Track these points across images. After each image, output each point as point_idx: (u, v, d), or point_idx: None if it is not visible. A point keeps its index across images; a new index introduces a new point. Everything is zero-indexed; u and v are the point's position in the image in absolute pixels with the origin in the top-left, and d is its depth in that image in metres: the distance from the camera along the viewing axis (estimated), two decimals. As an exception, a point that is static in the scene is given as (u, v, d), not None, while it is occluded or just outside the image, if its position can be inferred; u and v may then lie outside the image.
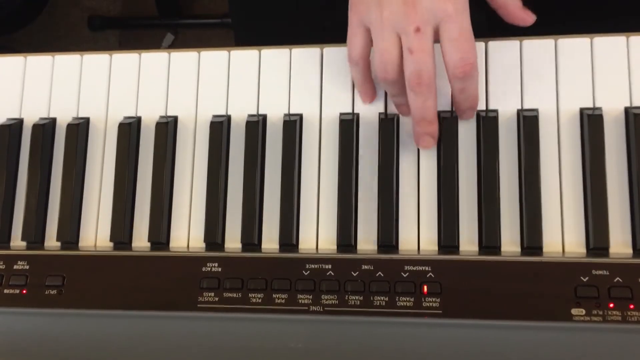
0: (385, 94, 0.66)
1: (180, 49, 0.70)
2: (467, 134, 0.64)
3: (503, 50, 0.65)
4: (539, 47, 0.64)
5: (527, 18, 0.62)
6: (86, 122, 0.69)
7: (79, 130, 0.68)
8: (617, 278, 0.57)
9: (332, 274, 0.59)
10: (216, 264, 0.61)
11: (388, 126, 0.64)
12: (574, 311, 0.56)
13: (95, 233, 0.67)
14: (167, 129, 0.67)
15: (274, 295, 0.59)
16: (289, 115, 0.67)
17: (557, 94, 0.64)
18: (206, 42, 1.68)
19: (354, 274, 0.59)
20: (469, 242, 0.62)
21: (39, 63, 0.72)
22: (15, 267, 0.63)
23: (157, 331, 0.61)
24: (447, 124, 0.63)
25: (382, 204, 0.62)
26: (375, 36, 0.60)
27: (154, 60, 0.70)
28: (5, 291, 0.62)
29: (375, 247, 0.62)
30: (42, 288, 0.62)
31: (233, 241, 0.64)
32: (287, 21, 0.87)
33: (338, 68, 0.67)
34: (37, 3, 1.57)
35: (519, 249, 0.61)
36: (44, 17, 1.65)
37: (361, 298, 0.58)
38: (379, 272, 0.59)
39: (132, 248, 0.66)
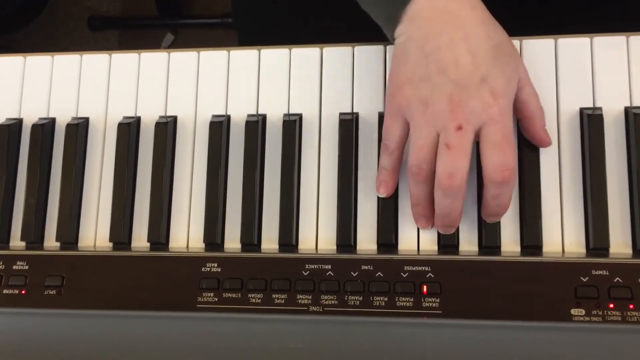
0: (384, 91, 0.65)
1: (180, 49, 0.70)
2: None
3: (503, 50, 0.64)
4: (539, 47, 0.64)
5: (547, 140, 0.61)
6: (85, 122, 0.69)
7: (79, 130, 0.68)
8: (617, 278, 0.57)
9: (332, 274, 0.59)
10: (216, 264, 0.61)
11: (388, 126, 0.64)
12: (574, 311, 0.56)
13: (95, 233, 0.67)
14: (167, 128, 0.67)
15: (274, 296, 0.59)
16: (289, 115, 0.67)
17: (557, 94, 0.64)
18: (206, 42, 1.67)
19: (354, 274, 0.59)
20: (468, 242, 0.62)
21: (38, 63, 0.71)
22: (14, 267, 0.63)
23: (157, 331, 0.61)
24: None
25: (382, 204, 0.62)
26: (414, 131, 0.57)
27: (153, 60, 0.70)
28: (5, 291, 0.62)
29: (375, 247, 0.62)
30: (41, 288, 0.62)
31: (232, 241, 0.64)
32: (289, 22, 0.87)
33: (338, 68, 0.67)
34: (37, 3, 1.57)
35: (518, 249, 0.61)
36: (44, 17, 1.65)
37: (361, 298, 0.58)
38: (379, 272, 0.59)
39: (131, 248, 0.66)
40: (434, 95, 0.55)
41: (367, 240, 0.63)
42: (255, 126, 0.66)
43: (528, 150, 0.61)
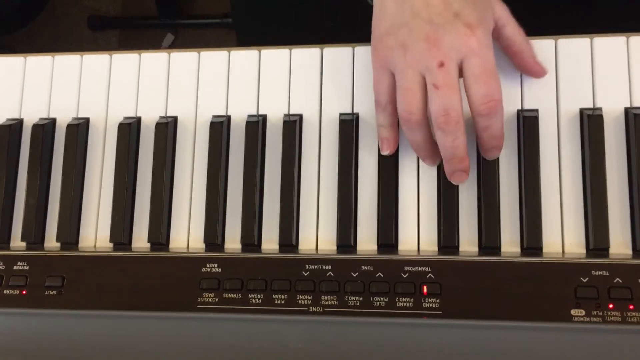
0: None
1: (180, 49, 0.70)
2: (467, 134, 0.63)
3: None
4: (539, 47, 0.64)
5: (541, 70, 0.62)
6: (86, 122, 0.69)
7: (79, 130, 0.68)
8: (617, 279, 0.57)
9: (332, 274, 0.59)
10: (216, 265, 0.61)
11: (388, 126, 0.64)
12: (574, 312, 0.56)
13: (95, 233, 0.67)
14: (167, 129, 0.67)
15: (274, 296, 0.59)
16: (289, 115, 0.67)
17: (557, 94, 0.64)
18: (206, 42, 1.68)
19: (354, 275, 0.59)
20: (468, 242, 0.62)
21: (38, 63, 0.72)
22: (15, 267, 0.63)
23: (157, 332, 0.61)
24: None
25: (382, 204, 0.62)
26: (398, 77, 0.58)
27: (153, 61, 0.70)
28: (5, 292, 0.62)
29: (375, 248, 0.62)
30: (41, 289, 0.62)
31: (233, 242, 0.64)
32: (289, 22, 0.87)
33: (338, 68, 0.67)
34: (37, 3, 1.57)
35: (518, 250, 0.61)
36: (44, 17, 1.65)
37: (361, 299, 0.58)
38: (379, 273, 0.59)
39: (131, 249, 0.66)
40: (411, 37, 0.57)
41: (367, 241, 0.63)
42: (256, 126, 0.66)
43: (528, 151, 0.61)
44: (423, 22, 0.57)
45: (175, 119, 0.68)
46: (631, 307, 0.56)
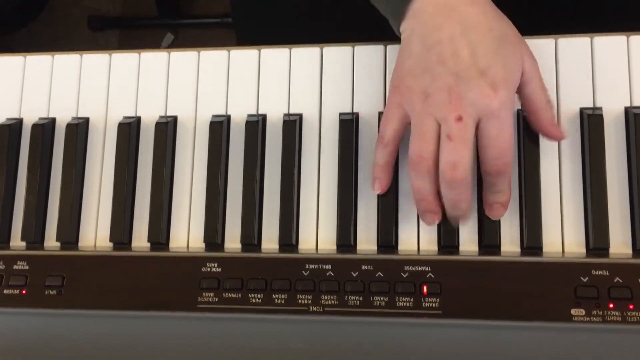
0: (385, 92, 0.66)
1: (180, 48, 0.70)
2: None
3: (503, 50, 0.64)
4: (539, 47, 0.64)
5: (558, 134, 0.60)
6: (86, 121, 0.69)
7: (79, 130, 0.68)
8: (617, 278, 0.57)
9: (332, 274, 0.59)
10: (216, 264, 0.61)
11: (388, 126, 0.64)
12: (574, 311, 0.56)
13: (95, 233, 0.67)
14: (167, 128, 0.67)
15: (274, 296, 0.59)
16: (289, 115, 0.67)
17: (557, 94, 0.64)
18: (206, 42, 1.68)
19: (354, 274, 0.59)
20: (468, 242, 0.62)
21: (38, 63, 0.71)
22: (15, 267, 0.63)
23: (157, 331, 0.61)
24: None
25: (382, 204, 0.62)
26: (415, 121, 0.57)
27: (153, 60, 0.70)
28: (5, 291, 0.62)
29: (375, 248, 0.62)
30: (41, 288, 0.62)
31: (233, 241, 0.64)
32: (289, 22, 0.87)
33: (338, 68, 0.67)
34: (37, 3, 1.57)
35: (518, 249, 0.61)
36: (44, 17, 1.65)
37: (361, 298, 0.58)
38: (379, 273, 0.59)
39: (131, 248, 0.65)
40: (434, 85, 0.56)
41: (367, 241, 0.63)
42: (256, 126, 0.66)
43: (528, 151, 0.61)
44: (448, 73, 0.55)
45: (175, 118, 0.68)
46: (631, 306, 0.56)
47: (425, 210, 0.59)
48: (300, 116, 0.66)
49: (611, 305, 0.56)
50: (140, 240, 0.66)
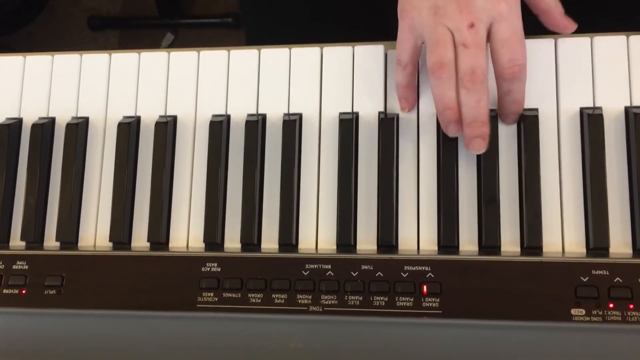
0: (385, 92, 0.65)
1: (180, 48, 0.70)
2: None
3: (503, 49, 0.64)
4: (539, 47, 0.64)
5: (569, 25, 0.62)
6: (85, 121, 0.69)
7: (78, 129, 0.68)
8: (617, 278, 0.56)
9: (332, 274, 0.59)
10: (215, 264, 0.61)
11: (388, 126, 0.64)
12: (574, 311, 0.56)
13: (95, 233, 0.67)
14: (167, 128, 0.67)
15: (274, 296, 0.59)
16: (289, 114, 0.67)
17: (557, 94, 0.64)
18: (206, 42, 1.68)
19: (354, 274, 0.59)
20: (468, 242, 0.62)
21: (38, 62, 0.71)
22: (14, 267, 0.63)
23: (157, 331, 0.61)
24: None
25: (382, 204, 0.62)
26: (429, 33, 0.59)
27: (153, 60, 0.70)
28: (5, 291, 0.62)
29: (375, 247, 0.62)
30: (41, 288, 0.62)
31: (232, 241, 0.64)
32: (299, 21, 0.87)
33: (338, 68, 0.67)
34: (37, 3, 1.57)
35: (518, 249, 0.61)
36: (44, 17, 1.65)
37: (361, 298, 0.58)
38: (379, 272, 0.59)
39: (131, 248, 0.66)
40: None
41: (367, 240, 0.63)
42: (255, 126, 0.66)
43: (528, 151, 0.61)
44: None
45: (174, 118, 0.68)
46: (631, 306, 0.56)
47: (450, 120, 0.60)
48: (300, 116, 0.66)
49: (611, 305, 0.56)
50: (140, 240, 0.66)
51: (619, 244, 0.60)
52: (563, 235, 0.61)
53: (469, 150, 0.60)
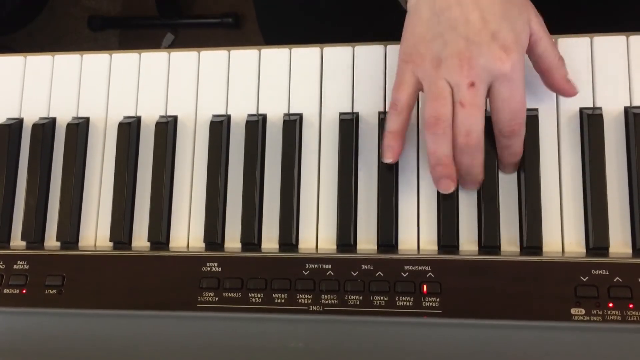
0: (385, 92, 0.66)
1: (180, 48, 0.70)
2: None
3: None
4: (539, 47, 0.64)
5: (571, 90, 0.61)
6: (86, 121, 0.69)
7: (79, 130, 0.68)
8: (617, 278, 0.57)
9: (332, 273, 0.59)
10: (216, 264, 0.61)
11: (388, 126, 0.64)
12: (574, 311, 0.56)
13: (95, 233, 0.67)
14: (167, 128, 0.67)
15: (274, 295, 0.59)
16: (289, 115, 0.67)
17: (557, 94, 0.64)
18: (206, 42, 1.68)
19: (354, 274, 0.59)
20: (468, 241, 0.62)
21: (38, 63, 0.72)
22: (15, 267, 0.63)
23: (157, 331, 0.61)
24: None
25: (382, 204, 0.62)
26: (428, 84, 0.58)
27: (153, 60, 0.70)
28: (5, 291, 0.62)
29: (375, 247, 0.62)
30: (41, 288, 0.62)
31: (233, 241, 0.64)
32: (310, 22, 0.87)
33: (338, 68, 0.67)
34: (37, 3, 1.57)
35: (518, 249, 0.61)
36: (44, 17, 1.65)
37: (361, 298, 0.58)
38: (379, 272, 0.59)
39: (131, 248, 0.66)
40: (446, 51, 0.56)
41: (367, 240, 0.63)
42: (256, 126, 0.66)
43: (528, 150, 0.61)
44: (459, 37, 0.56)
45: (175, 118, 0.68)
46: (631, 306, 0.56)
47: (442, 176, 0.59)
48: (301, 116, 0.66)
49: (611, 305, 0.56)
50: (140, 239, 0.66)
51: (619, 243, 0.60)
52: (563, 235, 0.61)
53: (463, 188, 0.61)
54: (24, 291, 0.62)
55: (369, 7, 0.85)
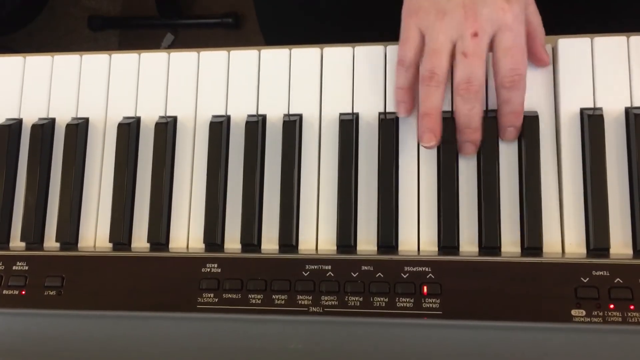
0: (385, 92, 0.65)
1: (180, 48, 0.70)
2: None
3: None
4: (539, 47, 0.64)
5: (546, 59, 0.63)
6: (85, 122, 0.69)
7: (78, 130, 0.68)
8: (618, 279, 0.56)
9: (332, 274, 0.59)
10: (216, 265, 0.61)
11: (388, 126, 0.64)
12: (574, 312, 0.56)
13: (95, 234, 0.67)
14: (167, 129, 0.67)
15: (274, 296, 0.59)
16: (289, 115, 0.67)
17: (557, 94, 0.64)
18: (206, 42, 1.68)
19: (354, 275, 0.59)
20: (469, 242, 0.62)
21: (38, 63, 0.71)
22: (14, 267, 0.63)
23: (157, 332, 0.61)
24: (447, 124, 0.63)
25: (382, 205, 0.62)
26: (429, 39, 0.60)
27: (153, 60, 0.70)
28: (5, 292, 0.62)
29: (375, 248, 0.62)
30: (41, 289, 0.62)
31: (233, 242, 0.64)
32: (310, 22, 0.87)
33: (338, 68, 0.67)
34: (37, 3, 1.57)
35: (519, 250, 0.61)
36: (44, 17, 1.65)
37: (361, 299, 0.58)
38: (379, 273, 0.59)
39: (131, 249, 0.65)
40: (450, 3, 0.59)
41: (367, 241, 0.63)
42: (255, 126, 0.66)
43: (528, 151, 0.61)
44: None
45: (174, 118, 0.68)
46: (632, 307, 0.56)
47: (427, 129, 0.60)
48: (300, 116, 0.66)
49: (612, 306, 0.56)
50: (140, 240, 0.66)
51: (620, 244, 0.60)
52: (563, 235, 0.61)
53: (461, 154, 0.62)
54: (23, 292, 0.62)
55: (369, 7, 0.85)
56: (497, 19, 0.58)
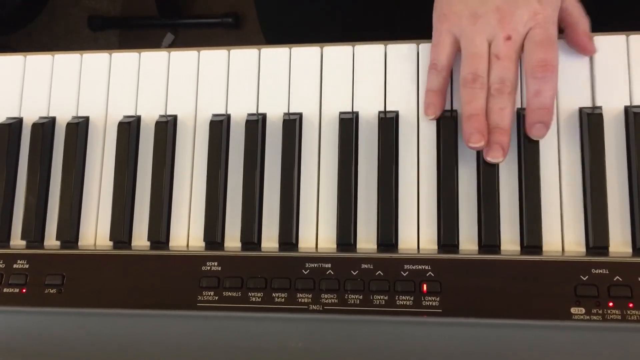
0: (385, 92, 0.66)
1: (180, 48, 0.70)
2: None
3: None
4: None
5: (591, 47, 0.63)
6: (86, 121, 0.69)
7: (79, 129, 0.68)
8: (617, 277, 0.57)
9: (332, 273, 0.59)
10: (216, 263, 0.61)
11: (388, 126, 0.64)
12: (574, 310, 0.56)
13: (95, 232, 0.67)
14: (167, 128, 0.67)
15: (274, 294, 0.59)
16: (289, 114, 0.67)
17: (556, 93, 0.64)
18: (206, 42, 1.68)
19: (354, 273, 0.59)
20: (468, 241, 0.62)
21: (38, 62, 0.72)
22: (15, 266, 0.63)
23: (157, 330, 0.61)
24: (446, 123, 0.63)
25: (382, 203, 0.62)
26: (466, 43, 0.61)
27: (153, 60, 0.70)
28: (5, 290, 0.62)
29: (375, 246, 0.62)
30: (41, 287, 0.62)
31: (233, 240, 0.64)
32: (314, 21, 0.87)
33: (338, 67, 0.67)
34: (37, 3, 1.57)
35: (518, 248, 0.61)
36: (44, 17, 1.65)
37: (361, 297, 0.58)
38: (379, 271, 0.59)
39: (131, 247, 0.66)
40: (484, 7, 0.59)
41: (367, 239, 0.63)
42: (256, 125, 0.66)
43: (528, 150, 0.61)
44: None
45: (175, 117, 0.68)
46: (631, 305, 0.56)
47: (475, 130, 0.60)
48: (300, 115, 0.66)
49: (611, 304, 0.56)
50: (140, 239, 0.66)
51: (619, 242, 0.60)
52: (563, 234, 0.61)
53: (487, 159, 0.60)
54: (24, 290, 0.62)
55: (369, 7, 0.85)
56: (529, 20, 0.59)
